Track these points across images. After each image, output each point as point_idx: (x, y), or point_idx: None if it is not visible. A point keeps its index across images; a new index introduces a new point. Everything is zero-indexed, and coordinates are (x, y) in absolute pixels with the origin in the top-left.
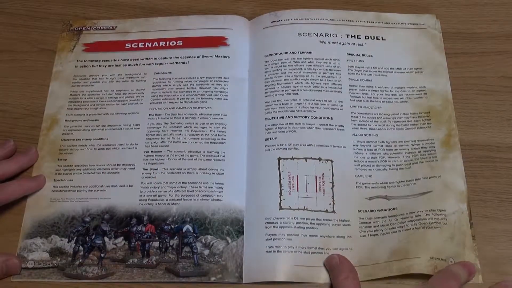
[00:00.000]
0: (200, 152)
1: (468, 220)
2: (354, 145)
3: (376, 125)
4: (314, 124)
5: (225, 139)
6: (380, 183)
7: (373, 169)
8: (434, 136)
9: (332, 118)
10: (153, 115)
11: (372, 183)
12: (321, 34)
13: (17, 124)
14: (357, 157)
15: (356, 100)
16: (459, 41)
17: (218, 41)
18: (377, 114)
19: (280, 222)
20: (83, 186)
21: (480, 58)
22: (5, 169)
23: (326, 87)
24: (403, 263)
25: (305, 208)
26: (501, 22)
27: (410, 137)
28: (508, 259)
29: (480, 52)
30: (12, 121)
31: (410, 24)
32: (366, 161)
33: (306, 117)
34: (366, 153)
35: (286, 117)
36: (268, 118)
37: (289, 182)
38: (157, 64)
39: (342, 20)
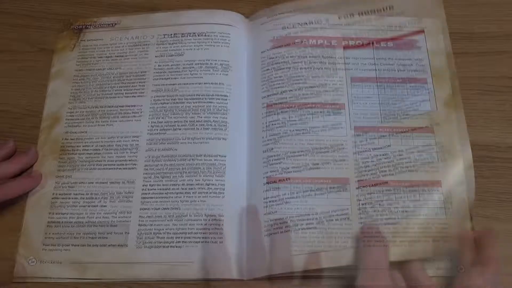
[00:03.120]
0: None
1: (470, 225)
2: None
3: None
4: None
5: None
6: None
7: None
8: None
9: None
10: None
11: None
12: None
13: (17, 124)
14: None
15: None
16: (459, 41)
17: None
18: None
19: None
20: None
21: (480, 58)
22: (6, 170)
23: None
24: None
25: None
26: (501, 22)
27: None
28: (508, 259)
29: (480, 52)
30: (12, 121)
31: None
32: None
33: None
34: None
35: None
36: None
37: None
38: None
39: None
